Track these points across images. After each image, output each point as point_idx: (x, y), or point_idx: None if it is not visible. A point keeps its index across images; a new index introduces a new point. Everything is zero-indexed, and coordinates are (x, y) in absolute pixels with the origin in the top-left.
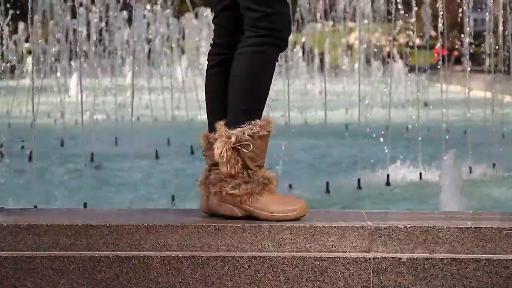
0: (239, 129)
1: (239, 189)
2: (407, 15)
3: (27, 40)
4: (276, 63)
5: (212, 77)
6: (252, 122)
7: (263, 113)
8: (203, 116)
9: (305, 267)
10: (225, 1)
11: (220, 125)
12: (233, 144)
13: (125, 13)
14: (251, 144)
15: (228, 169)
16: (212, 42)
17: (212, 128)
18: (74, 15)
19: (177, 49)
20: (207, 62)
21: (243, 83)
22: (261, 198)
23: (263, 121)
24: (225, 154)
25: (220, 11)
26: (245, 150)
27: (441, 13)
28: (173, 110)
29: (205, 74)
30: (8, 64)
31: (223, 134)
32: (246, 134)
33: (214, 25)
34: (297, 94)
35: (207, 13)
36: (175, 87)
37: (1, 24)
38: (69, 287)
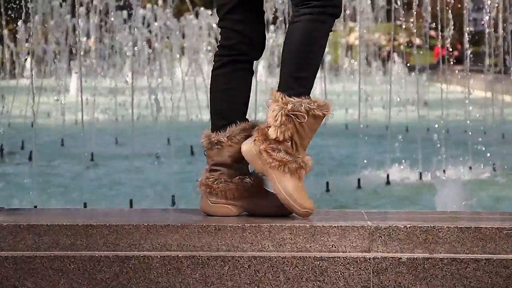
0: (297, 99)
1: (278, 154)
2: (405, 11)
3: (27, 40)
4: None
5: (218, 77)
6: (311, 98)
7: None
8: (203, 116)
9: (305, 267)
10: (230, 4)
11: (274, 91)
12: (288, 111)
13: (125, 13)
14: (305, 119)
15: (278, 134)
16: (218, 44)
17: (215, 128)
18: (74, 15)
19: (177, 49)
20: (213, 63)
21: (297, 49)
22: (288, 176)
23: (324, 102)
24: (280, 118)
25: (226, 14)
26: (299, 120)
27: (441, 12)
28: (173, 110)
29: (201, 74)
30: (8, 64)
31: (280, 99)
32: (303, 107)
33: (220, 29)
34: None
35: (207, 13)
36: (175, 87)
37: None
38: (69, 287)
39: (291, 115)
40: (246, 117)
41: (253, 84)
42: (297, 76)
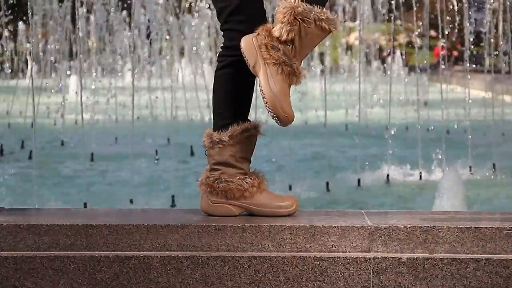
0: (309, 6)
1: (276, 52)
2: (403, 12)
3: (27, 41)
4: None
5: (222, 77)
6: (324, 9)
7: None
8: (203, 116)
9: (305, 267)
10: (231, 6)
11: None
12: (297, 14)
13: (125, 12)
14: (311, 25)
15: (282, 32)
16: (222, 45)
17: (216, 127)
18: (74, 15)
19: (177, 48)
20: (217, 63)
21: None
22: (280, 77)
23: (333, 17)
24: (288, 17)
25: (228, 16)
26: (305, 25)
27: (441, 13)
28: (173, 110)
29: (201, 73)
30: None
31: (293, 0)
32: (312, 14)
33: (223, 32)
34: (297, 94)
35: (208, 13)
36: (175, 87)
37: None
38: (69, 287)
39: (299, 19)
40: (248, 117)
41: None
42: None
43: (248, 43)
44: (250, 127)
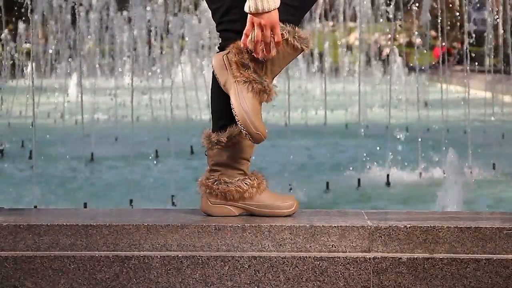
0: (281, 24)
1: (247, 70)
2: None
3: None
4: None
5: None
6: (296, 28)
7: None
8: (203, 116)
9: (305, 267)
10: (223, 7)
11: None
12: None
13: (125, 12)
14: (282, 45)
15: (251, 43)
16: (218, 45)
17: (215, 128)
18: (74, 15)
19: (177, 48)
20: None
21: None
22: (250, 95)
23: (305, 35)
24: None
25: (222, 17)
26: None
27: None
28: (173, 110)
29: (199, 73)
30: (8, 64)
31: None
32: (285, 31)
33: (219, 33)
34: (297, 94)
35: (208, 12)
36: (175, 87)
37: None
38: (69, 287)
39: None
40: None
41: None
42: (289, 3)
43: (218, 61)
44: None
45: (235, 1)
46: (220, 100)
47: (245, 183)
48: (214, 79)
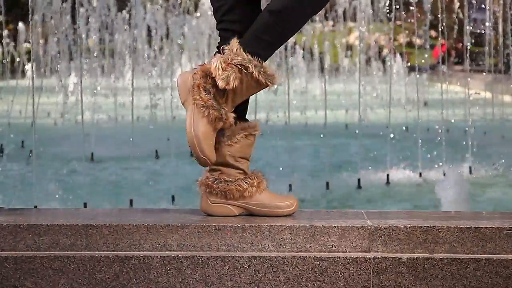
0: (249, 57)
1: (206, 95)
2: (405, 14)
3: (28, 41)
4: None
5: None
6: (261, 62)
7: None
8: None
9: (305, 267)
10: (226, 6)
11: (235, 40)
12: (235, 63)
13: (125, 12)
14: (247, 77)
15: (224, 82)
16: (217, 45)
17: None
18: (74, 15)
19: (177, 48)
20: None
21: (273, 15)
22: (205, 120)
23: (273, 72)
24: (222, 65)
25: (223, 16)
26: (239, 75)
27: (441, 13)
28: (173, 110)
29: None
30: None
31: (235, 49)
32: (250, 66)
33: (218, 31)
34: (297, 94)
35: (208, 12)
36: (175, 87)
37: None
38: (69, 287)
39: (237, 66)
40: (246, 117)
41: None
42: (261, 37)
43: (183, 79)
44: (248, 126)
45: (238, 1)
46: None
47: (245, 182)
48: None
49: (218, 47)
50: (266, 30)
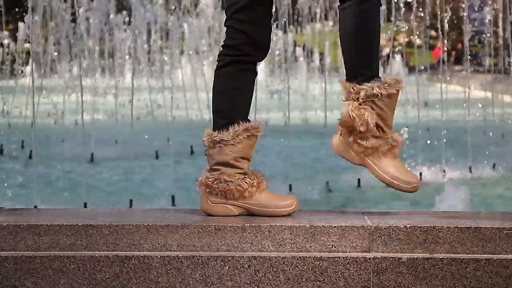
0: (367, 84)
1: (366, 142)
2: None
3: (28, 41)
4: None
5: (221, 76)
6: (380, 79)
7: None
8: (203, 116)
9: (305, 267)
10: (239, 4)
11: (344, 81)
12: (363, 99)
13: (124, 13)
14: (379, 100)
15: (359, 125)
16: (223, 43)
17: (217, 127)
18: (74, 15)
19: (177, 48)
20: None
21: (353, 37)
22: (384, 159)
23: (394, 79)
24: (356, 111)
25: (233, 13)
26: (374, 106)
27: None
28: (173, 110)
29: (203, 74)
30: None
31: (351, 89)
32: (375, 90)
33: (226, 28)
34: (297, 94)
35: (208, 13)
36: (175, 87)
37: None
38: (69, 287)
39: (367, 101)
40: (248, 117)
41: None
42: (362, 62)
43: (338, 146)
44: (251, 127)
45: (253, 2)
46: (222, 99)
47: (245, 182)
48: (217, 78)
49: (222, 46)
50: (360, 54)
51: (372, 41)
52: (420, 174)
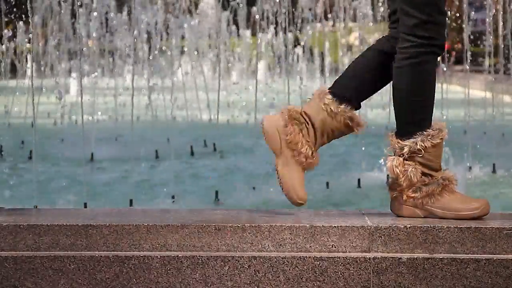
0: (411, 140)
1: (419, 192)
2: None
3: (29, 41)
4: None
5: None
6: (424, 132)
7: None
8: (203, 116)
9: (305, 267)
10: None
11: (390, 136)
12: (407, 154)
13: (125, 13)
14: (425, 153)
15: (408, 182)
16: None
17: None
18: (74, 15)
19: (177, 48)
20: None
21: (406, 96)
22: (442, 198)
23: (435, 129)
24: (399, 168)
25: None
26: (419, 159)
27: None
28: (173, 110)
29: (204, 73)
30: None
31: (396, 145)
32: (418, 145)
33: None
34: (297, 94)
35: (208, 13)
36: (175, 87)
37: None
38: (69, 287)
39: (412, 156)
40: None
41: (253, 84)
42: (414, 121)
43: (396, 210)
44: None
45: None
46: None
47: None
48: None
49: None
50: (413, 113)
51: (428, 103)
52: None
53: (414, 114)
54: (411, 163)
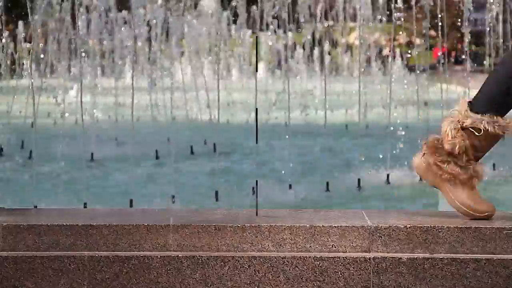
0: (479, 116)
1: (448, 166)
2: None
3: (29, 41)
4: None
5: None
6: (494, 118)
7: None
8: (203, 116)
9: (305, 267)
10: None
11: (464, 100)
12: (466, 125)
13: (125, 13)
14: (480, 135)
15: (450, 148)
16: None
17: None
18: (74, 15)
19: (177, 48)
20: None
21: (504, 79)
22: (460, 188)
23: (505, 122)
24: (450, 133)
25: None
26: (473, 139)
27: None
28: (173, 110)
29: (204, 74)
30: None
31: (463, 111)
32: (482, 124)
33: None
34: (297, 94)
35: (208, 13)
36: (175, 87)
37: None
38: (69, 287)
39: (470, 128)
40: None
41: (253, 84)
42: (494, 100)
43: (419, 165)
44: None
45: None
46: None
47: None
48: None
49: None
50: (499, 93)
51: None
52: None
53: (501, 96)
54: (465, 135)
